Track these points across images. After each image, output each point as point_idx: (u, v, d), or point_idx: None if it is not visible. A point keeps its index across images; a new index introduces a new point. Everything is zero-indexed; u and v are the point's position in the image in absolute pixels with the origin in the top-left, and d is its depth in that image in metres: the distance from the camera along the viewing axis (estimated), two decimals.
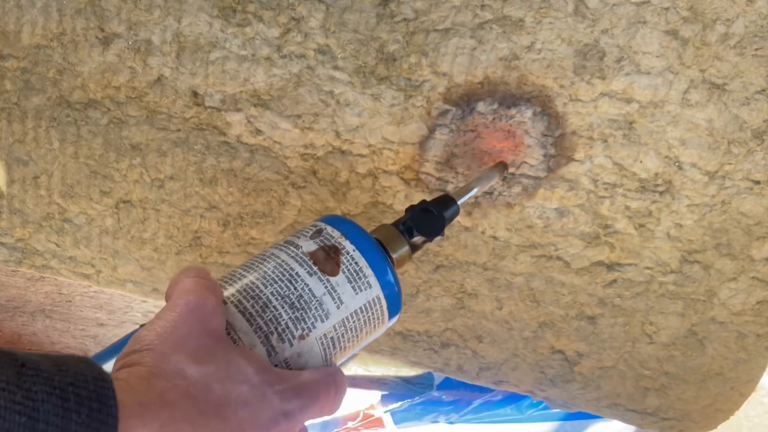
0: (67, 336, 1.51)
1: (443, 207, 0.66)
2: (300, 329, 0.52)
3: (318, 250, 0.56)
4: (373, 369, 1.60)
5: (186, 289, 0.48)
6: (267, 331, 0.51)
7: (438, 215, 0.65)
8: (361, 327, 0.56)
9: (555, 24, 0.73)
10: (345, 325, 0.55)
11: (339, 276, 0.55)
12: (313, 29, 0.77)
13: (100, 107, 0.85)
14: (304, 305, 0.53)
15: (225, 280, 0.54)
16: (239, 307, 0.51)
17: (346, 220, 0.60)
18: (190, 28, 0.79)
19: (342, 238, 0.57)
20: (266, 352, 0.51)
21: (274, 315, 0.51)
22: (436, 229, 0.65)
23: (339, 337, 0.55)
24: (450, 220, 0.67)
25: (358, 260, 0.56)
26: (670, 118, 0.76)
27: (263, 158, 0.84)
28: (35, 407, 0.34)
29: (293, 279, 0.53)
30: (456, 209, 0.68)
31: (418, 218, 0.64)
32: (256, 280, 0.53)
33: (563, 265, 0.85)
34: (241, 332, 0.50)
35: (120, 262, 0.93)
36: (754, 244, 0.81)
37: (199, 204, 0.88)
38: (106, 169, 0.88)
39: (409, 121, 0.80)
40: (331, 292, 0.54)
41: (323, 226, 0.58)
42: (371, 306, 0.56)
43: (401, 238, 0.63)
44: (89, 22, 0.81)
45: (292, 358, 0.52)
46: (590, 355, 0.91)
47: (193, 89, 0.82)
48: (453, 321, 0.91)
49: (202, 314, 0.47)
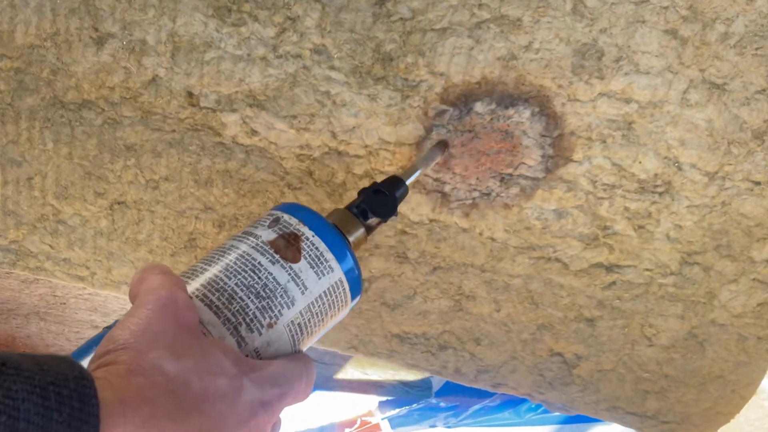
0: (62, 339, 1.50)
1: (394, 188, 0.67)
2: (268, 318, 0.53)
3: (278, 238, 0.56)
4: (371, 372, 1.59)
5: (154, 286, 0.49)
6: (235, 322, 0.51)
7: (390, 195, 0.66)
8: (326, 311, 0.58)
9: (553, 23, 0.73)
10: (311, 310, 0.56)
11: (301, 262, 0.56)
12: (309, 29, 0.77)
13: (94, 108, 0.84)
14: (270, 294, 0.53)
15: (186, 275, 0.55)
16: (205, 300, 0.52)
17: (302, 206, 0.61)
18: (185, 28, 0.79)
19: (300, 224, 0.58)
20: (236, 344, 0.51)
21: (240, 306, 0.52)
22: (390, 209, 0.66)
23: (306, 323, 0.56)
24: (401, 200, 0.68)
25: (318, 245, 0.57)
26: (669, 119, 0.75)
27: (259, 159, 0.84)
28: (15, 406, 0.34)
29: (256, 268, 0.54)
30: (405, 189, 0.69)
31: (371, 200, 0.65)
32: (219, 272, 0.54)
33: (562, 267, 0.85)
34: (209, 325, 0.51)
35: (115, 264, 0.93)
36: (754, 245, 0.81)
37: (195, 205, 0.87)
38: (100, 170, 0.87)
39: (405, 122, 0.79)
40: (295, 279, 0.55)
41: (280, 214, 0.59)
42: (334, 289, 0.58)
43: (356, 220, 0.64)
44: (83, 21, 0.80)
45: (262, 348, 0.53)
46: (589, 358, 0.90)
47: (188, 89, 0.82)
48: (450, 323, 0.91)
49: (174, 309, 0.47)
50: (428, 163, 0.75)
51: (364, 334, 0.93)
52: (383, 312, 0.90)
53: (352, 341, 0.93)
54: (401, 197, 0.68)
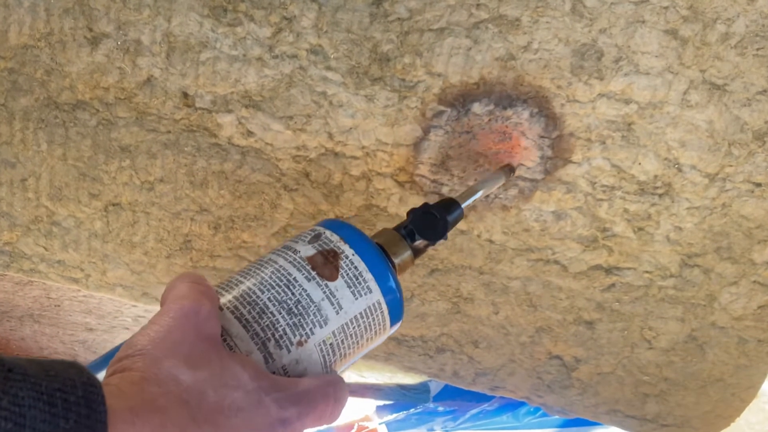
0: (56, 341, 1.50)
1: (446, 210, 0.65)
2: (298, 335, 0.51)
3: (316, 255, 0.55)
4: (368, 375, 1.59)
5: (181, 294, 0.48)
6: (264, 337, 0.50)
7: (440, 218, 0.64)
8: (362, 333, 0.56)
9: (552, 23, 0.72)
10: (345, 331, 0.54)
11: (338, 281, 0.54)
12: (306, 29, 0.76)
13: (88, 108, 0.84)
14: (302, 311, 0.52)
15: (222, 286, 0.54)
16: (236, 313, 0.51)
17: (346, 224, 0.59)
18: (180, 28, 0.78)
19: (341, 242, 0.56)
20: (263, 359, 0.50)
21: (271, 321, 0.51)
22: (439, 232, 0.64)
23: (339, 344, 0.54)
24: (454, 224, 0.67)
25: (358, 264, 0.55)
26: (669, 120, 0.75)
27: (255, 160, 0.83)
28: (22, 413, 0.34)
29: (291, 284, 0.53)
30: (460, 213, 0.67)
31: (420, 221, 0.63)
32: (253, 285, 0.53)
33: (561, 269, 0.84)
34: (237, 339, 0.50)
35: (109, 266, 0.92)
36: (755, 247, 0.80)
37: (190, 207, 0.87)
38: (94, 172, 0.87)
39: (403, 123, 0.79)
40: (330, 297, 0.53)
41: (322, 230, 0.58)
42: (372, 311, 0.56)
43: (403, 242, 0.62)
44: (77, 21, 0.80)
45: (291, 365, 0.51)
46: (588, 361, 0.90)
47: (184, 90, 0.81)
48: (448, 326, 0.90)
49: (196, 319, 0.47)
50: (490, 186, 0.73)
51: None
52: None
53: None
54: (455, 221, 0.66)
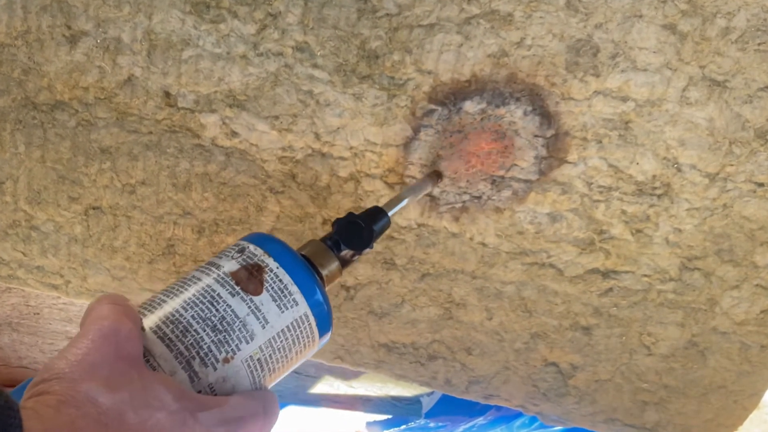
0: (35, 350, 1.50)
1: (371, 219, 0.66)
2: (224, 352, 0.51)
3: (240, 270, 0.55)
4: (357, 385, 1.58)
5: (100, 315, 0.48)
6: (188, 356, 0.50)
7: (366, 227, 0.65)
8: (290, 347, 0.56)
9: (546, 18, 0.72)
10: (272, 345, 0.54)
11: (263, 295, 0.54)
12: (291, 25, 0.75)
13: (67, 109, 0.83)
14: (227, 327, 0.52)
15: (144, 306, 0.53)
16: (158, 333, 0.51)
17: (271, 237, 0.60)
18: (161, 25, 0.77)
19: (265, 255, 0.57)
20: (189, 378, 0.50)
21: (195, 339, 0.51)
22: (364, 241, 0.64)
23: (267, 359, 0.54)
24: (380, 233, 0.67)
25: (282, 277, 0.56)
26: (668, 118, 0.74)
27: (239, 162, 0.82)
28: None
29: (215, 300, 0.53)
30: (386, 221, 0.68)
31: (345, 231, 0.64)
32: (176, 304, 0.53)
33: (556, 273, 0.83)
34: (161, 359, 0.50)
35: (90, 272, 0.91)
36: (757, 249, 0.79)
37: (173, 210, 0.86)
38: (74, 174, 0.86)
39: (392, 122, 0.78)
40: (255, 312, 0.53)
41: (246, 244, 0.58)
42: (299, 324, 0.56)
43: (329, 252, 0.63)
44: (55, 19, 0.79)
45: (218, 383, 0.51)
46: (585, 368, 0.89)
47: (165, 89, 0.80)
48: (440, 332, 0.89)
49: (116, 340, 0.46)
50: (417, 194, 0.74)
51: (351, 344, 0.92)
52: (370, 321, 0.89)
53: (337, 351, 0.92)
54: (381, 229, 0.67)
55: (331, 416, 1.71)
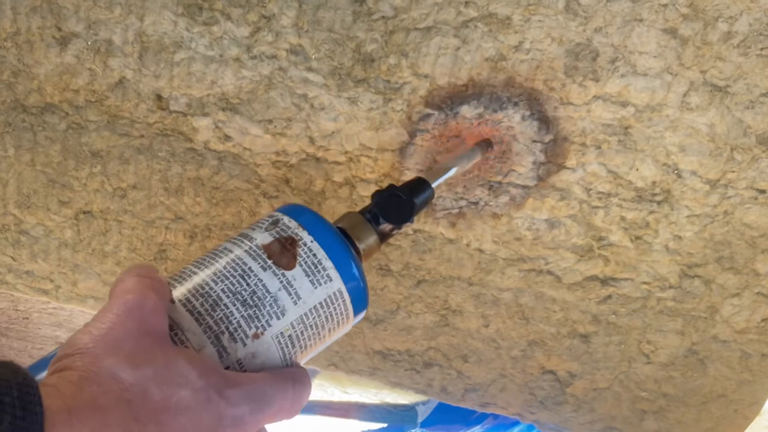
0: (24, 356, 1.50)
1: (413, 191, 0.63)
2: (254, 327, 0.51)
3: (273, 242, 0.54)
4: (351, 391, 1.57)
5: (126, 288, 0.47)
6: (217, 330, 0.49)
7: (407, 199, 0.62)
8: (323, 324, 0.55)
9: (544, 22, 0.71)
10: (304, 322, 0.53)
11: (295, 269, 0.53)
12: (285, 28, 0.75)
13: (57, 112, 0.82)
14: (258, 302, 0.51)
15: (175, 278, 0.53)
16: (188, 305, 0.50)
17: (306, 209, 0.58)
18: (153, 27, 0.77)
19: (299, 228, 0.55)
20: (217, 353, 0.49)
21: (225, 313, 0.50)
22: (405, 215, 0.62)
23: (298, 335, 0.53)
24: (423, 206, 0.65)
25: (317, 252, 0.54)
26: (668, 123, 0.73)
27: (232, 166, 0.82)
28: None
29: (245, 274, 0.52)
30: (430, 193, 0.65)
31: (385, 204, 0.61)
32: (206, 276, 0.52)
33: (554, 280, 0.83)
34: (189, 332, 0.49)
35: (80, 277, 0.91)
36: (758, 257, 0.79)
37: (165, 215, 0.85)
38: (64, 178, 0.85)
39: (388, 127, 0.77)
40: (287, 287, 0.52)
41: (280, 216, 0.57)
42: (332, 301, 0.55)
43: (367, 226, 0.60)
44: (45, 20, 0.78)
45: (246, 359, 0.51)
46: (583, 376, 0.88)
47: (157, 92, 0.80)
48: (436, 339, 0.89)
49: (140, 314, 0.46)
50: (465, 164, 0.70)
51: (345, 351, 0.91)
52: (365, 327, 0.89)
53: (332, 358, 0.92)
54: (424, 202, 0.64)
55: (324, 424, 1.71)
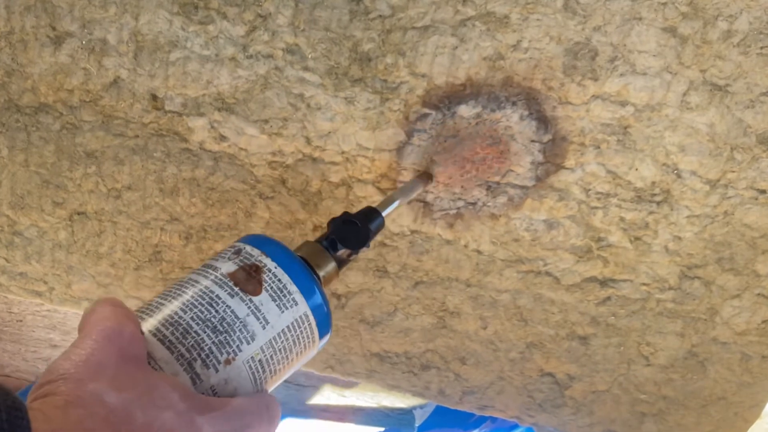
0: (18, 359, 1.49)
1: (367, 219, 0.66)
2: (225, 353, 0.51)
3: (238, 270, 0.55)
4: (348, 394, 1.57)
5: (102, 317, 0.48)
6: (190, 358, 0.50)
7: (362, 226, 0.65)
8: (291, 347, 0.56)
9: (543, 21, 0.70)
10: (273, 345, 0.54)
11: (262, 295, 0.54)
12: (282, 27, 0.74)
13: (51, 112, 0.82)
14: (228, 328, 0.52)
15: (142, 311, 0.53)
16: (158, 335, 0.50)
17: (267, 238, 0.59)
18: (148, 26, 0.76)
19: (263, 255, 0.56)
20: (190, 380, 0.50)
21: (196, 340, 0.50)
22: (361, 240, 0.65)
23: (268, 359, 0.54)
24: (375, 233, 0.67)
25: (281, 277, 0.56)
26: (668, 123, 0.73)
27: (228, 166, 0.81)
28: None
29: (213, 302, 0.52)
30: (381, 222, 0.68)
31: (341, 230, 0.64)
32: (175, 307, 0.52)
33: (553, 282, 0.82)
34: (162, 362, 0.49)
35: (75, 279, 0.90)
36: (759, 258, 0.78)
37: (160, 216, 0.85)
38: (58, 179, 0.85)
39: (385, 126, 0.77)
40: (255, 312, 0.53)
41: (242, 245, 0.58)
42: (299, 324, 0.56)
43: (325, 253, 0.63)
44: (40, 20, 0.78)
45: (219, 385, 0.51)
46: (582, 378, 0.88)
47: (152, 92, 0.79)
48: (434, 341, 0.88)
49: (120, 340, 0.46)
50: (408, 195, 0.73)
51: (342, 354, 0.91)
52: (362, 329, 0.88)
53: (329, 361, 0.91)
54: (376, 230, 0.67)
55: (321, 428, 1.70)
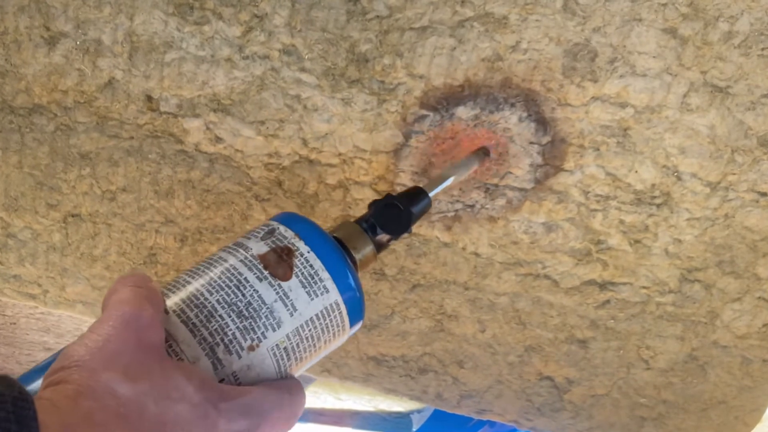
0: (12, 362, 1.49)
1: (411, 201, 0.63)
2: (249, 339, 0.50)
3: (269, 252, 0.53)
4: (345, 397, 1.56)
5: (122, 299, 0.47)
6: (212, 342, 0.49)
7: (404, 209, 0.62)
8: (319, 335, 0.54)
9: (542, 21, 0.70)
10: (300, 334, 0.53)
11: (292, 280, 0.52)
12: (278, 27, 0.74)
13: (46, 113, 0.81)
14: (254, 313, 0.50)
15: (169, 287, 0.52)
16: (182, 316, 0.49)
17: (302, 218, 0.57)
18: (143, 27, 0.76)
19: (296, 238, 0.54)
20: (212, 366, 0.49)
21: (220, 325, 0.49)
22: (402, 225, 0.62)
23: (294, 347, 0.53)
24: (420, 215, 0.64)
25: (313, 263, 0.54)
26: (668, 125, 0.72)
27: (224, 168, 0.81)
28: None
29: (241, 285, 0.51)
30: (427, 202, 0.65)
31: (382, 214, 0.61)
32: (200, 286, 0.51)
33: (551, 285, 0.82)
34: (183, 344, 0.48)
35: (69, 281, 0.90)
36: (760, 261, 0.78)
37: (155, 218, 0.84)
38: (53, 180, 0.84)
39: (382, 128, 0.76)
40: (284, 299, 0.52)
41: (276, 225, 0.56)
42: (329, 312, 0.54)
43: (364, 236, 0.60)
44: (33, 20, 0.77)
45: (242, 372, 0.50)
46: (581, 382, 0.87)
47: (147, 93, 0.79)
48: (431, 345, 0.88)
49: (137, 326, 0.45)
50: (462, 172, 0.70)
51: (339, 357, 0.90)
52: (359, 333, 0.88)
53: (325, 364, 0.91)
54: (421, 211, 0.64)
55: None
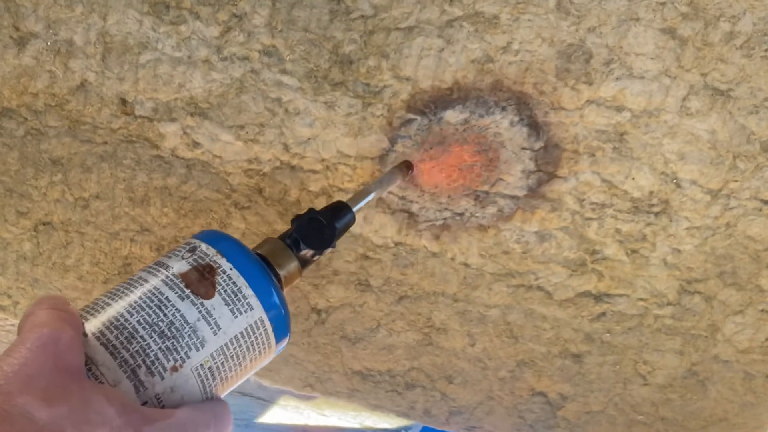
0: None
1: (334, 216, 0.64)
2: (172, 360, 0.49)
3: (191, 271, 0.53)
4: (329, 413, 1.55)
5: (39, 322, 0.46)
6: (134, 364, 0.48)
7: (327, 224, 0.63)
8: (244, 354, 0.54)
9: (534, 21, 0.68)
10: (225, 353, 0.52)
11: (215, 298, 0.52)
12: (258, 28, 0.73)
13: (15, 117, 0.80)
14: (176, 333, 0.50)
15: (87, 310, 0.51)
16: (101, 339, 0.48)
17: (225, 235, 0.58)
18: (117, 27, 0.75)
19: (218, 255, 0.54)
20: (133, 388, 0.48)
21: (141, 346, 0.49)
22: (325, 240, 0.62)
23: (219, 367, 0.52)
24: (344, 230, 0.65)
25: (236, 280, 0.54)
26: (666, 129, 0.71)
27: (201, 174, 0.80)
28: None
29: (162, 304, 0.51)
30: (351, 218, 0.66)
31: (305, 229, 0.62)
32: (121, 308, 0.50)
33: (544, 296, 0.80)
34: (103, 367, 0.47)
35: (40, 292, 0.89)
36: (763, 272, 0.76)
37: (129, 226, 0.83)
38: (23, 187, 0.83)
39: (367, 133, 0.75)
40: (207, 317, 0.51)
41: (198, 243, 0.56)
42: (254, 330, 0.54)
43: (288, 252, 0.61)
44: (2, 19, 0.77)
45: (165, 394, 0.49)
46: (576, 398, 0.86)
47: (122, 96, 0.78)
48: (419, 359, 0.87)
49: (55, 349, 0.44)
50: (385, 187, 0.71)
51: (322, 371, 0.89)
52: (343, 346, 0.86)
53: (308, 379, 0.90)
54: (345, 227, 0.65)
55: None
